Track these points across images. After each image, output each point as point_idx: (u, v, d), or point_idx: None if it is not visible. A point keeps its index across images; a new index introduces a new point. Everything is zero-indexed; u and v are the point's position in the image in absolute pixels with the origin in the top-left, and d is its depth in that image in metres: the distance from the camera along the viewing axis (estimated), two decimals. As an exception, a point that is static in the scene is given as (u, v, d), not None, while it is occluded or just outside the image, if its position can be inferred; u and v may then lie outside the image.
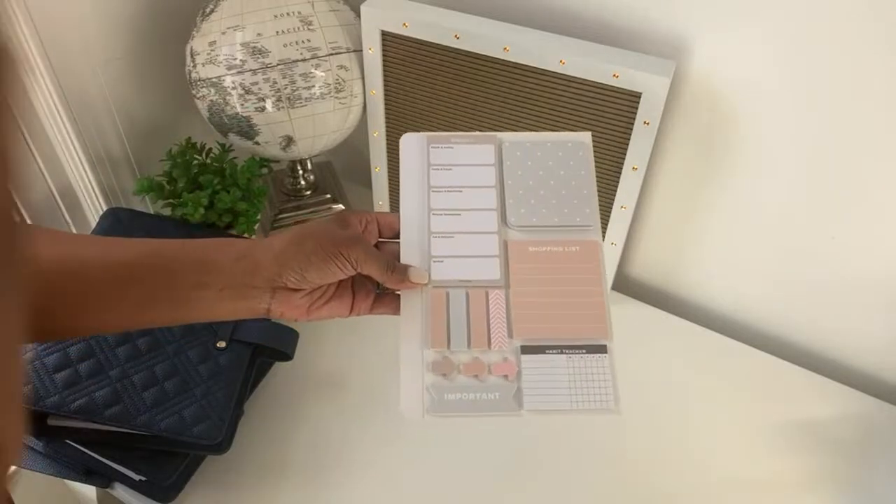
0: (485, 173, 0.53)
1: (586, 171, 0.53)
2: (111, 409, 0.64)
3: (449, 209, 0.52)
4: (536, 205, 0.52)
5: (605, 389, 0.48)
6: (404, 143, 0.54)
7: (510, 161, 0.53)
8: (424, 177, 0.53)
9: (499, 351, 0.48)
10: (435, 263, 0.50)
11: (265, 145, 0.82)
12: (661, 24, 0.71)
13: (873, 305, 0.77)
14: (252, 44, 0.75)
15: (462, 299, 0.49)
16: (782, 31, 0.65)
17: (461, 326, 0.48)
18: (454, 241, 0.51)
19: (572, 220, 0.51)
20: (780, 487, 0.70)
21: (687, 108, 0.75)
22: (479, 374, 0.47)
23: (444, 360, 0.48)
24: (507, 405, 0.47)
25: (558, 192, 0.52)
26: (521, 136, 0.54)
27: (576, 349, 0.48)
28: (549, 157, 0.53)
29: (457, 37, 0.73)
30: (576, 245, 0.51)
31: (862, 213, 0.72)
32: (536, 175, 0.53)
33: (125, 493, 0.67)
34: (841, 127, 0.68)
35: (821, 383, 0.80)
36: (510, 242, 0.51)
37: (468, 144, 0.54)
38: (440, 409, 0.47)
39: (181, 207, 0.79)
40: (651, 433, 0.74)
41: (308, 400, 0.76)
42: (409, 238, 0.51)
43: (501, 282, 0.50)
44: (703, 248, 0.85)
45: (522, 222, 0.51)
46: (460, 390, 0.47)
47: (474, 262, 0.50)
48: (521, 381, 0.47)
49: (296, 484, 0.69)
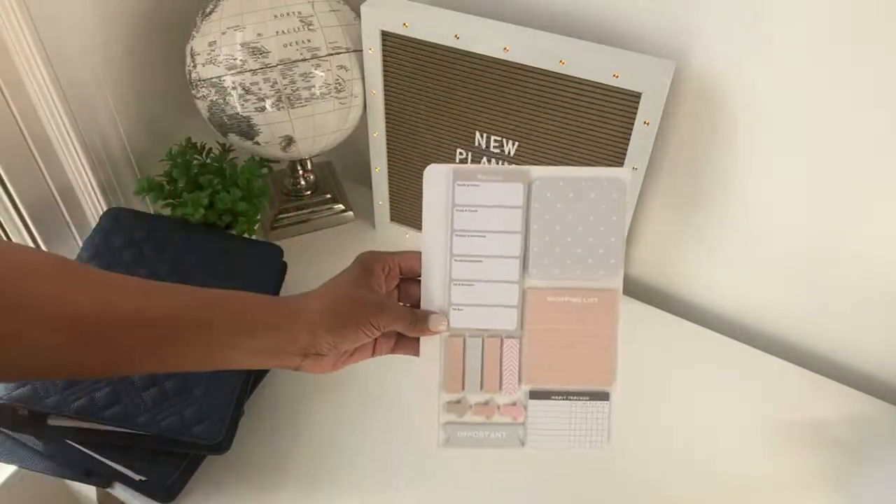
0: (511, 216, 0.51)
1: (618, 217, 0.51)
2: (111, 409, 0.64)
3: (471, 255, 0.51)
4: (561, 254, 0.51)
5: (600, 430, 0.53)
6: (429, 177, 0.51)
7: (538, 203, 0.51)
8: (448, 218, 0.51)
9: (508, 395, 0.52)
10: (454, 311, 0.52)
11: (265, 145, 0.82)
12: (661, 24, 0.71)
13: (873, 305, 0.77)
14: (252, 44, 0.75)
15: (478, 346, 0.52)
16: (782, 31, 0.65)
17: (475, 372, 0.52)
18: (474, 289, 0.52)
19: (595, 274, 0.51)
20: (780, 487, 0.70)
21: (687, 108, 0.75)
22: (489, 416, 0.53)
23: (458, 402, 0.53)
24: (512, 442, 0.53)
25: (585, 240, 0.51)
26: (554, 172, 0.51)
27: (580, 395, 0.53)
28: (580, 200, 0.51)
29: (457, 37, 0.73)
30: (595, 296, 0.51)
31: (862, 212, 0.72)
32: (565, 220, 0.51)
33: (125, 493, 0.67)
34: (841, 126, 0.68)
35: (821, 383, 0.80)
36: (530, 291, 0.52)
37: (495, 182, 0.51)
38: (453, 443, 0.53)
39: (181, 207, 0.79)
40: (651, 433, 0.74)
41: (308, 400, 0.76)
42: (430, 284, 0.52)
43: (517, 331, 0.52)
44: (703, 248, 0.85)
45: (544, 275, 0.51)
46: (471, 429, 0.53)
47: (492, 311, 0.52)
48: (526, 423, 0.53)
49: (296, 484, 0.69)
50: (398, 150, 0.88)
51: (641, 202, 0.85)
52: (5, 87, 0.72)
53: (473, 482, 0.69)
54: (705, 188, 0.80)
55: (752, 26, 0.66)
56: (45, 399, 0.63)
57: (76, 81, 0.77)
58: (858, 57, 0.63)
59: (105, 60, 0.80)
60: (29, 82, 0.73)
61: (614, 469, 0.71)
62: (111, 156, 0.84)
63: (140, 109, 0.87)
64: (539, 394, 0.53)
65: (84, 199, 0.84)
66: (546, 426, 0.53)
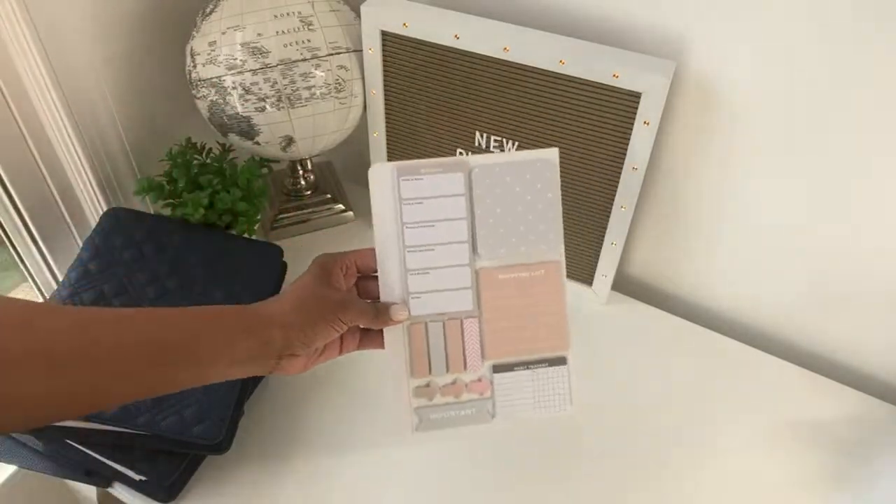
0: (455, 204, 0.54)
1: (553, 194, 0.55)
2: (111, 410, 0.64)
3: (423, 245, 0.54)
4: (505, 234, 0.55)
5: (563, 394, 0.57)
6: (374, 176, 0.54)
7: (479, 189, 0.54)
8: (397, 213, 0.54)
9: (473, 372, 0.55)
10: (413, 300, 0.54)
11: (265, 145, 0.82)
12: (661, 24, 0.71)
13: (873, 305, 0.77)
14: (252, 44, 0.75)
15: (440, 330, 0.55)
16: (782, 31, 0.65)
17: (440, 354, 0.55)
18: (430, 276, 0.54)
19: (537, 248, 0.55)
20: (780, 487, 0.70)
21: (687, 108, 0.75)
22: (457, 395, 0.55)
23: (426, 386, 0.55)
24: (482, 418, 0.56)
25: (525, 218, 0.55)
26: (490, 160, 0.55)
27: (539, 363, 0.56)
28: (517, 182, 0.55)
29: (457, 37, 0.73)
30: (541, 269, 0.55)
31: (862, 212, 0.72)
32: (505, 202, 0.55)
33: (125, 493, 0.67)
34: (841, 126, 0.68)
35: (821, 383, 0.80)
36: (481, 271, 0.55)
37: (437, 174, 0.54)
38: (427, 427, 0.56)
39: (181, 207, 0.79)
40: (651, 433, 0.74)
41: (308, 400, 0.76)
42: (387, 277, 0.54)
43: (474, 311, 0.55)
44: (703, 248, 0.85)
45: (492, 254, 0.55)
46: (442, 410, 0.56)
47: (449, 294, 0.55)
48: (493, 396, 0.56)
49: (296, 484, 0.69)
50: (398, 150, 0.88)
51: (641, 202, 0.85)
52: (5, 87, 0.72)
53: (474, 481, 0.69)
54: (705, 188, 0.80)
55: (752, 26, 0.66)
56: (45, 399, 0.63)
57: (76, 82, 0.77)
58: (858, 57, 0.63)
59: (105, 60, 0.80)
60: (29, 82, 0.73)
61: (613, 468, 0.71)
62: (111, 156, 0.84)
63: (140, 109, 0.87)
64: (502, 367, 0.56)
65: (84, 199, 0.84)
66: (512, 397, 0.56)
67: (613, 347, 0.83)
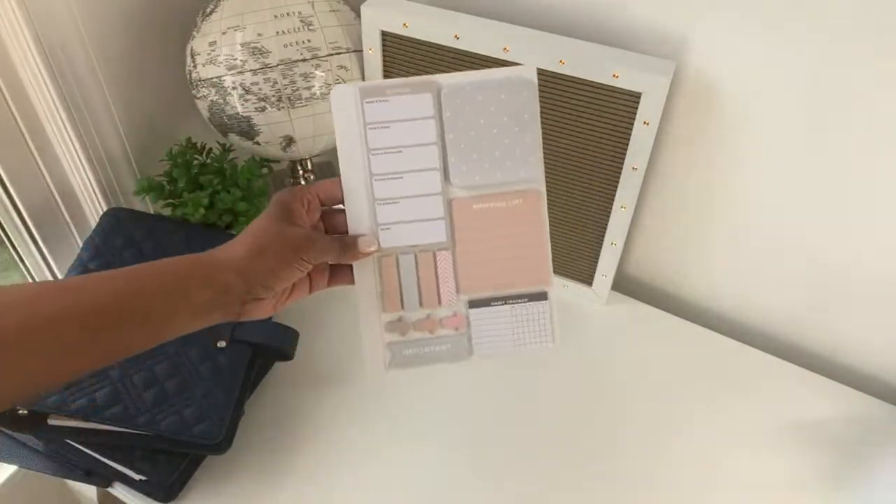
0: (425, 128, 0.51)
1: (530, 115, 0.51)
2: (111, 409, 0.64)
3: (391, 173, 0.51)
4: (479, 159, 0.51)
5: (545, 330, 0.53)
6: (335, 99, 0.50)
7: (450, 111, 0.51)
8: (362, 138, 0.51)
9: (448, 307, 0.53)
10: (382, 231, 0.51)
11: (265, 145, 0.82)
12: (661, 24, 0.71)
13: (873, 305, 0.77)
14: (252, 44, 0.75)
15: (411, 263, 0.52)
16: (783, 31, 0.65)
17: (412, 288, 0.52)
18: (399, 206, 0.51)
19: (515, 175, 0.51)
20: (780, 487, 0.70)
21: (687, 108, 0.75)
22: (431, 330, 0.53)
23: (399, 321, 0.53)
24: (458, 354, 0.53)
25: (501, 142, 0.51)
26: (461, 78, 0.51)
27: (519, 298, 0.53)
28: (490, 102, 0.51)
29: (457, 37, 0.73)
30: (519, 198, 0.52)
31: (863, 212, 0.72)
32: (478, 124, 0.51)
33: (125, 493, 0.67)
34: (842, 126, 0.68)
35: (821, 383, 0.80)
36: (454, 201, 0.52)
37: (404, 95, 0.50)
38: (400, 364, 0.53)
39: (181, 207, 0.79)
40: (651, 433, 0.74)
41: (308, 400, 0.76)
42: (354, 208, 0.51)
43: (448, 243, 0.52)
44: (703, 248, 0.85)
45: (465, 182, 0.51)
46: (416, 346, 0.53)
47: (420, 226, 0.52)
48: (470, 332, 0.53)
49: (296, 483, 0.69)
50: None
51: (641, 202, 0.85)
52: (5, 87, 0.72)
53: (474, 481, 0.69)
54: (705, 188, 0.80)
55: (752, 26, 0.66)
56: (45, 399, 0.63)
57: (76, 82, 0.77)
58: (858, 57, 0.63)
59: (105, 60, 0.80)
60: (29, 82, 0.73)
61: (613, 468, 0.71)
62: (111, 156, 0.84)
63: (140, 109, 0.87)
64: (478, 302, 0.53)
65: (84, 200, 0.84)
66: (490, 333, 0.53)
67: (613, 347, 0.83)
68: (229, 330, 0.70)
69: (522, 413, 0.75)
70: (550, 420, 0.75)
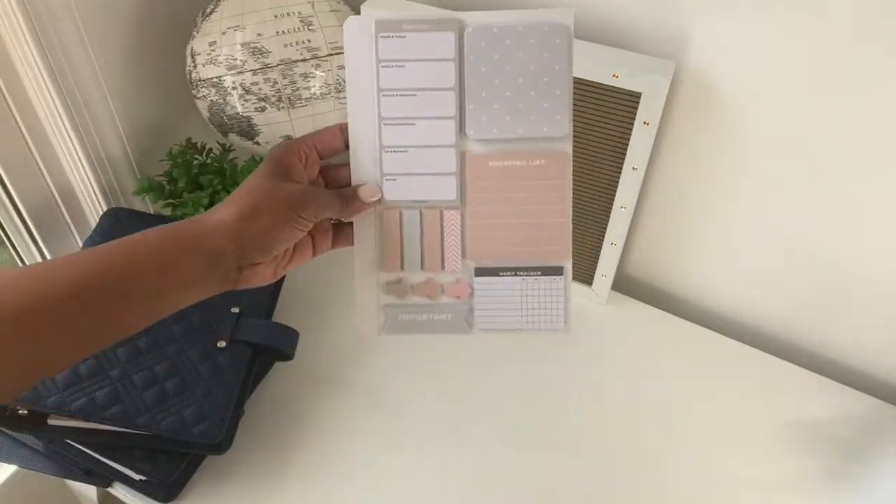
0: (443, 70, 0.46)
1: (561, 66, 0.46)
2: (111, 409, 0.64)
3: (402, 118, 0.46)
4: (500, 111, 0.46)
5: (556, 310, 0.48)
6: (347, 31, 0.46)
7: (473, 54, 0.46)
8: (373, 76, 0.46)
9: (452, 272, 0.48)
10: (387, 182, 0.47)
11: (265, 145, 0.82)
12: (661, 24, 0.71)
13: (873, 305, 0.77)
14: (252, 44, 0.75)
15: (416, 220, 0.48)
16: (783, 31, 0.65)
17: (415, 248, 0.48)
18: (408, 155, 0.47)
19: (538, 131, 0.46)
20: (780, 487, 0.70)
21: (687, 108, 0.75)
22: (431, 295, 0.48)
23: (398, 282, 0.48)
24: (459, 326, 0.48)
25: (526, 94, 0.46)
26: (489, 18, 0.46)
27: (531, 271, 0.48)
28: (519, 47, 0.45)
29: (457, 37, 0.73)
30: (541, 158, 0.47)
31: (863, 212, 0.72)
32: (503, 71, 0.46)
33: (125, 493, 0.67)
34: (842, 126, 0.68)
35: (821, 383, 0.80)
36: (468, 156, 0.47)
37: (424, 32, 0.46)
38: (394, 328, 0.48)
39: (181, 207, 0.79)
40: (651, 433, 0.74)
41: (308, 400, 0.76)
42: (358, 155, 0.47)
43: (457, 202, 0.47)
44: (703, 248, 0.85)
45: (482, 135, 0.46)
46: (414, 311, 0.48)
47: (429, 179, 0.47)
48: (473, 302, 0.48)
49: (296, 484, 0.69)
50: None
51: (641, 202, 0.85)
52: (5, 87, 0.72)
53: (473, 481, 0.69)
54: (705, 188, 0.80)
55: (752, 26, 0.66)
56: (45, 399, 0.63)
57: (76, 82, 0.77)
58: (859, 56, 0.63)
59: (105, 60, 0.80)
60: (29, 82, 0.73)
61: (613, 468, 0.71)
62: (111, 156, 0.84)
63: (140, 109, 0.87)
64: (486, 270, 0.48)
65: (84, 200, 0.84)
66: (495, 305, 0.48)
67: (613, 347, 0.83)
68: (229, 330, 0.70)
69: (522, 412, 0.75)
70: (550, 420, 0.75)
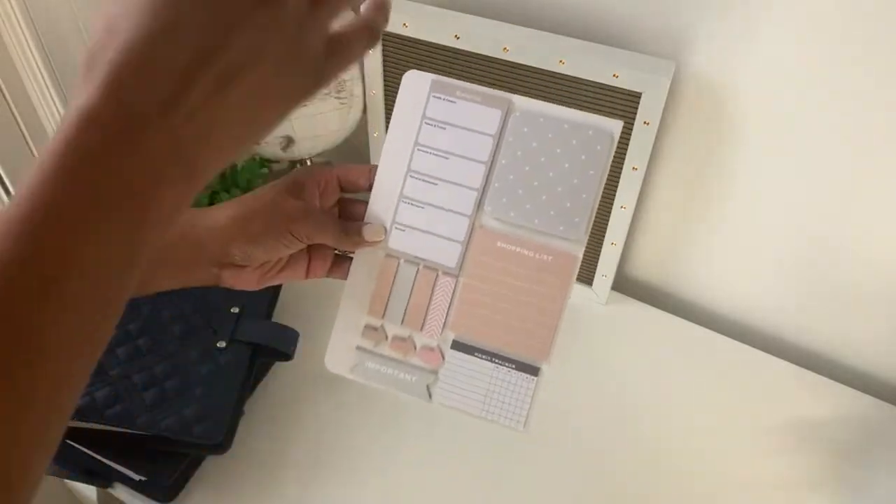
0: (480, 143, 0.47)
1: (595, 172, 0.46)
2: (111, 409, 0.64)
3: (428, 176, 0.47)
4: (523, 196, 0.46)
5: (519, 408, 0.47)
6: (406, 82, 0.47)
7: (513, 137, 0.47)
8: (415, 129, 0.47)
9: (429, 336, 0.48)
10: (396, 230, 0.48)
11: (265, 145, 0.82)
12: (661, 24, 0.70)
13: (874, 305, 0.77)
14: (252, 44, 0.75)
15: (411, 275, 0.48)
16: (783, 31, 0.65)
17: (401, 301, 0.48)
18: (423, 212, 0.47)
19: (554, 228, 0.46)
20: (780, 487, 0.70)
21: (687, 108, 0.75)
22: (405, 353, 0.48)
23: (376, 329, 0.49)
24: (420, 391, 0.48)
25: (553, 188, 0.46)
26: (538, 108, 0.47)
27: (506, 362, 0.47)
28: (559, 143, 0.46)
29: (457, 37, 0.73)
30: (549, 254, 0.46)
31: (863, 212, 0.72)
32: (537, 161, 0.46)
33: (125, 493, 0.67)
34: (842, 126, 0.68)
35: (821, 383, 0.80)
36: (479, 230, 0.47)
37: (474, 103, 0.47)
38: (359, 373, 0.49)
39: (181, 207, 0.79)
40: (651, 433, 0.74)
41: (308, 400, 0.76)
42: (378, 195, 0.48)
43: (455, 270, 0.47)
44: (703, 249, 0.85)
45: (499, 214, 0.47)
46: (382, 363, 0.48)
47: (436, 241, 0.48)
48: (440, 373, 0.48)
49: (296, 484, 0.69)
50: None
51: (641, 202, 0.85)
52: (5, 87, 0.72)
53: (473, 480, 0.69)
54: (705, 188, 0.80)
55: (752, 26, 0.66)
56: (45, 399, 0.63)
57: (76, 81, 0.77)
58: (859, 56, 0.63)
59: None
60: (29, 82, 0.73)
61: (613, 469, 0.71)
62: (111, 156, 0.84)
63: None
64: (462, 346, 0.47)
65: (84, 199, 0.84)
66: (461, 384, 0.47)
67: (613, 347, 0.83)
68: (229, 330, 0.70)
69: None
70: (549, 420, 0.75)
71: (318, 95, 0.37)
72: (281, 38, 0.28)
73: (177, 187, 0.27)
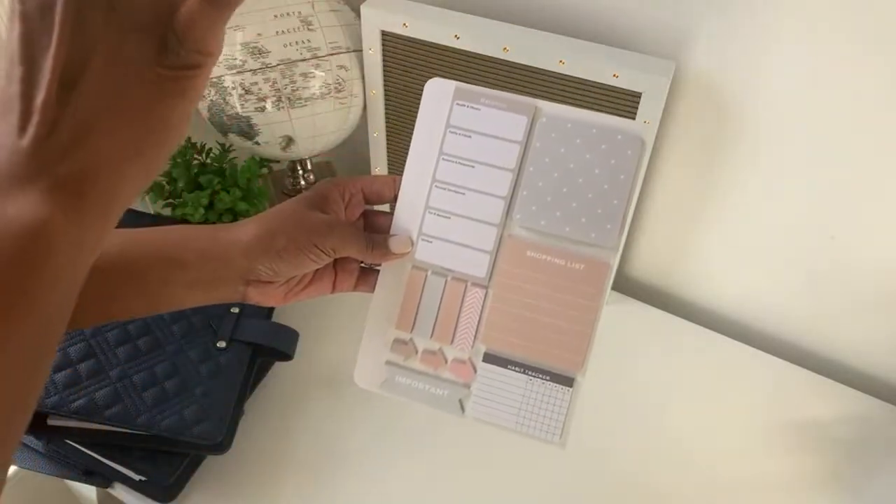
0: (507, 150, 0.46)
1: (626, 177, 0.44)
2: (111, 409, 0.64)
3: (454, 185, 0.46)
4: (552, 204, 0.45)
5: (555, 420, 0.47)
6: (429, 91, 0.46)
7: (540, 142, 0.45)
8: (439, 138, 0.47)
9: (460, 349, 0.47)
10: (423, 242, 0.47)
11: (265, 145, 0.82)
12: (661, 24, 0.71)
13: (874, 305, 0.77)
14: (252, 44, 0.75)
15: (439, 287, 0.47)
16: (783, 31, 0.65)
17: (430, 314, 0.47)
18: (450, 222, 0.46)
19: (586, 236, 0.45)
20: (780, 487, 0.70)
21: (687, 107, 0.75)
22: (435, 367, 0.47)
23: (405, 343, 0.47)
24: (452, 406, 0.47)
25: (583, 195, 0.45)
26: (565, 112, 0.45)
27: (540, 373, 0.46)
28: (588, 148, 0.45)
29: (457, 37, 0.73)
30: (581, 263, 0.45)
31: (864, 212, 0.72)
32: (566, 167, 0.45)
33: (125, 493, 0.67)
34: (842, 126, 0.68)
35: (821, 383, 0.80)
36: (508, 239, 0.46)
37: (499, 109, 0.46)
38: (389, 388, 0.48)
39: (181, 207, 0.79)
40: (651, 433, 0.74)
41: (308, 399, 0.76)
42: (404, 206, 0.47)
43: (485, 280, 0.46)
44: (703, 248, 0.85)
45: (528, 223, 0.46)
46: (413, 377, 0.47)
47: (464, 251, 0.46)
48: (473, 387, 0.47)
49: (296, 483, 0.69)
50: (398, 150, 0.88)
51: (641, 202, 0.85)
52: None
53: (473, 480, 0.69)
54: (705, 188, 0.80)
55: (752, 26, 0.66)
56: (44, 399, 0.63)
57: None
58: (858, 56, 0.63)
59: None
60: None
61: (613, 469, 0.71)
62: (111, 156, 0.84)
63: (140, 109, 0.87)
64: (494, 358, 0.46)
65: (84, 199, 0.84)
66: (494, 397, 0.46)
67: (613, 348, 0.83)
68: (229, 330, 0.70)
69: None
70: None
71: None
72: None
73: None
